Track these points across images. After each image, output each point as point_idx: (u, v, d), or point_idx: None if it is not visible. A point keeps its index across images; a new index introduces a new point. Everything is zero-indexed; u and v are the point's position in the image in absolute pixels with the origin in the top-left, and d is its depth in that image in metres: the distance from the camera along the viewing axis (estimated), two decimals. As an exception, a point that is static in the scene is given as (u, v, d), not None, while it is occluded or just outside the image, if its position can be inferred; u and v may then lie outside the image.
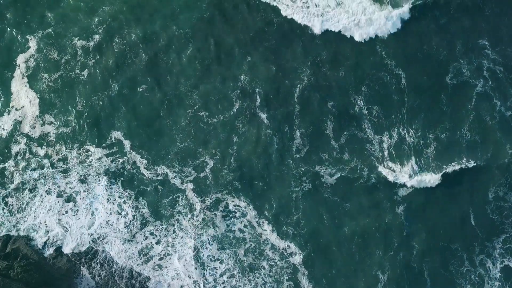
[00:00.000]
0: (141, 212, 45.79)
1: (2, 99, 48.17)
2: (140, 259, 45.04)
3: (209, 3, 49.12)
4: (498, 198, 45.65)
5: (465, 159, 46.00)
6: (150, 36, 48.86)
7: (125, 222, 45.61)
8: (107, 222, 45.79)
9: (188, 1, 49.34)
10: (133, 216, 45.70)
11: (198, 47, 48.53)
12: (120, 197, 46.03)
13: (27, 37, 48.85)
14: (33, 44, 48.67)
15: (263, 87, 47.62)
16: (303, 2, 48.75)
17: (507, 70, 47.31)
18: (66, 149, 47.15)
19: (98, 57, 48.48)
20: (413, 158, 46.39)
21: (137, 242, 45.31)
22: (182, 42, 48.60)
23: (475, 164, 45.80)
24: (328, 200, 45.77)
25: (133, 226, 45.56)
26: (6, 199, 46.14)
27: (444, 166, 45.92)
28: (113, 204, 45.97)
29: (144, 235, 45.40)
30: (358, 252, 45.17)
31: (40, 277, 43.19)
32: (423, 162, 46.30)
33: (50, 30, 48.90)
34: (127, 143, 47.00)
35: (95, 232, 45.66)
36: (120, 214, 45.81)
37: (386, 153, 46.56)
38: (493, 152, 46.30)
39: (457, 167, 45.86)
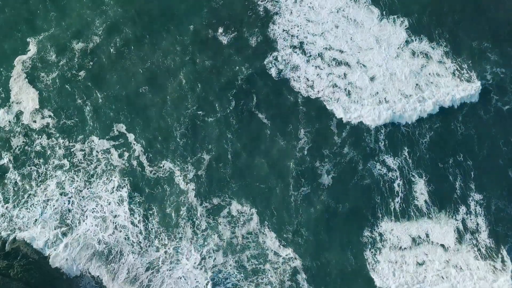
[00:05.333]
0: (145, 216, 45.83)
1: (3, 95, 48.43)
2: (147, 267, 45.03)
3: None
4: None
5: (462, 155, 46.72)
6: (150, 38, 49.49)
7: (130, 227, 45.65)
8: (112, 220, 45.80)
9: (189, 7, 50.23)
10: (139, 217, 45.73)
11: (197, 49, 49.08)
12: (120, 195, 46.22)
13: (27, 39, 49.34)
14: (32, 45, 49.14)
15: (261, 86, 48.14)
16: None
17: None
18: (70, 142, 47.34)
19: (96, 58, 48.96)
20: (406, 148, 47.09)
21: (142, 250, 45.25)
22: (182, 45, 49.23)
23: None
24: (326, 202, 45.96)
25: (137, 232, 45.54)
26: (7, 197, 46.11)
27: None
28: (117, 205, 46.08)
29: (149, 241, 45.34)
30: (353, 254, 45.23)
31: (40, 277, 42.88)
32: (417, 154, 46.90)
33: (50, 32, 49.47)
34: (130, 137, 47.27)
35: (101, 234, 45.65)
36: (118, 215, 45.82)
37: (381, 145, 47.06)
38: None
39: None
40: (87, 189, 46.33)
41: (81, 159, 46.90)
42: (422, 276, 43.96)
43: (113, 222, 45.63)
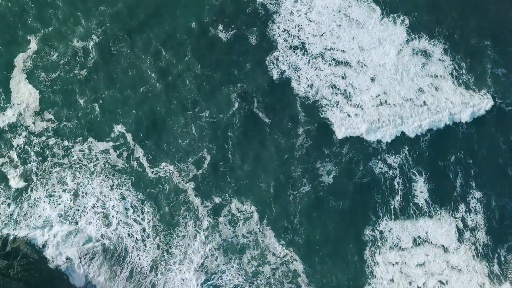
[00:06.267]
0: (147, 214, 45.77)
1: (3, 96, 48.21)
2: (148, 267, 44.92)
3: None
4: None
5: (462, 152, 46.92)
6: (150, 37, 49.43)
7: (131, 225, 45.55)
8: (114, 216, 45.69)
9: (189, 4, 50.14)
10: (138, 215, 45.69)
11: (198, 47, 49.08)
12: (122, 194, 46.20)
13: (28, 37, 49.12)
14: (33, 44, 48.93)
15: (262, 86, 48.20)
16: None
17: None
18: (69, 142, 47.16)
19: (97, 57, 48.82)
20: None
21: (143, 249, 45.16)
22: (183, 44, 49.20)
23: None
24: (326, 202, 45.98)
25: (139, 231, 45.47)
26: (6, 196, 45.88)
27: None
28: (118, 203, 45.96)
29: (150, 241, 45.25)
30: (353, 255, 45.34)
31: (40, 277, 42.74)
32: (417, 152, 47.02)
33: (51, 29, 49.30)
34: (129, 137, 47.15)
35: (104, 229, 45.51)
36: (113, 214, 45.78)
37: (382, 143, 47.19)
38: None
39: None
40: (89, 186, 46.20)
41: (81, 158, 46.78)
42: (422, 280, 44.06)
43: (116, 218, 45.60)
